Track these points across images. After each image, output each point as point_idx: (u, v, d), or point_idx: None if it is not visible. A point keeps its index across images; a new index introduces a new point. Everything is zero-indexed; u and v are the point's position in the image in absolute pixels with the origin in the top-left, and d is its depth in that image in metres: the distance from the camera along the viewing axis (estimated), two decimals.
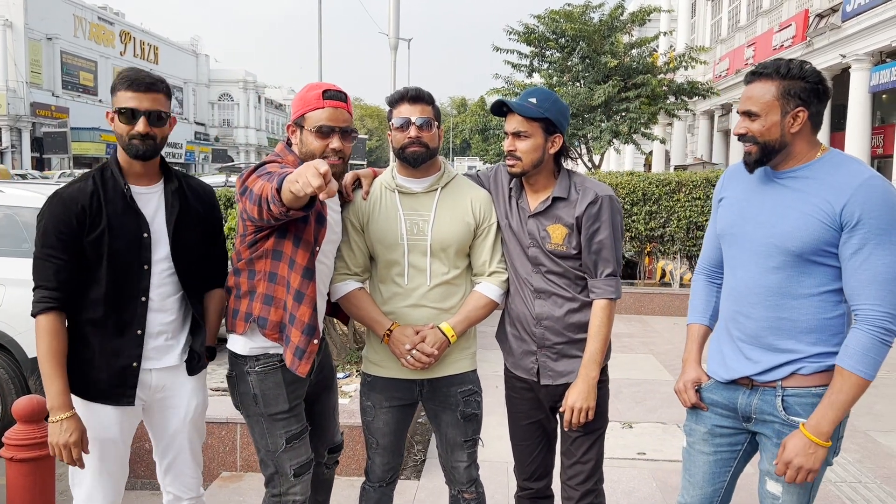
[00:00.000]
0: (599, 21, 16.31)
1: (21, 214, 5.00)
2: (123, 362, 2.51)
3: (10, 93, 35.11)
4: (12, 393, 4.70)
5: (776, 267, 2.18)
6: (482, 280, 2.74)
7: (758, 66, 2.19)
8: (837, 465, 4.50)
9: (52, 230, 2.41)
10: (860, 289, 2.07)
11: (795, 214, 2.14)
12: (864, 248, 2.04)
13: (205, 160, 48.54)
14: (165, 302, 2.58)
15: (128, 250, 2.48)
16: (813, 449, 2.11)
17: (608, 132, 15.85)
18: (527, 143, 2.58)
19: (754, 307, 2.24)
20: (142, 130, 2.44)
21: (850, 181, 2.07)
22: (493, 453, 4.13)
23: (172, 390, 2.65)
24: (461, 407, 2.74)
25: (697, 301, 2.55)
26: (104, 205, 2.45)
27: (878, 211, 2.03)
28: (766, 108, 2.16)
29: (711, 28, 28.66)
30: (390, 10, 19.79)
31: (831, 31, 17.08)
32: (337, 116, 2.52)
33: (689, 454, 2.48)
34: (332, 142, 2.52)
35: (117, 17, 46.54)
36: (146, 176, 2.58)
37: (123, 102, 2.44)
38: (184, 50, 55.87)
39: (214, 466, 4.25)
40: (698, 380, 2.44)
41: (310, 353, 2.52)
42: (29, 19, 36.24)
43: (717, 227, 2.41)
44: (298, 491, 2.63)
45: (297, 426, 2.62)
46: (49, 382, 2.40)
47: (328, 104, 2.51)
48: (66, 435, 2.39)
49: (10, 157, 35.40)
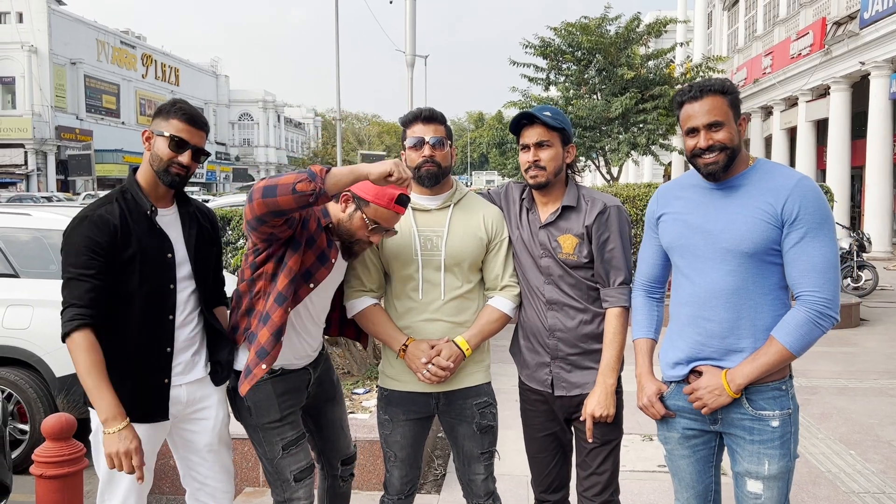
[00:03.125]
0: (616, 33, 16.31)
1: (48, 237, 5.11)
2: (155, 380, 2.58)
3: (35, 117, 35.84)
4: (41, 412, 4.79)
5: (732, 270, 2.33)
6: (495, 294, 2.79)
7: (695, 87, 2.32)
8: (861, 476, 4.47)
9: (85, 249, 2.43)
10: (801, 277, 2.25)
11: (741, 219, 2.31)
12: (803, 240, 2.24)
13: (226, 179, 49.10)
14: (188, 318, 2.67)
15: (156, 271, 2.56)
16: (720, 392, 2.33)
17: (626, 144, 15.81)
18: (549, 152, 2.66)
19: (715, 310, 2.36)
20: (185, 162, 2.55)
21: (785, 183, 2.28)
22: (512, 466, 4.15)
23: (202, 402, 2.72)
24: (477, 419, 2.78)
25: (640, 316, 2.64)
26: (133, 226, 2.52)
27: (812, 206, 2.24)
28: (727, 117, 2.32)
29: (728, 38, 28.60)
30: (406, 27, 19.98)
31: (849, 38, 16.98)
32: (390, 220, 2.55)
33: (672, 460, 2.58)
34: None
35: (139, 41, 47.42)
36: (164, 199, 2.66)
37: (177, 131, 2.53)
38: (204, 71, 56.73)
39: (238, 482, 4.30)
40: (659, 391, 2.53)
41: (253, 376, 2.54)
42: (53, 45, 37.04)
43: (664, 242, 2.52)
44: (302, 495, 2.71)
45: (291, 433, 2.71)
46: (97, 395, 2.38)
47: (395, 208, 2.52)
48: (127, 442, 2.37)
49: (35, 179, 36.04)
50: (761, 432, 2.34)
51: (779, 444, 2.34)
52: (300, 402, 2.78)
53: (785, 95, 21.66)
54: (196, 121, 2.58)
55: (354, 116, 72.75)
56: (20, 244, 5.17)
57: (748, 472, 2.36)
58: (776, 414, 2.33)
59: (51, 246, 5.08)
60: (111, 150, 38.14)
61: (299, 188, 2.26)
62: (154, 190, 2.62)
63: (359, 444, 4.18)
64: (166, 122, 2.54)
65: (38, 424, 4.67)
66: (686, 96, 2.35)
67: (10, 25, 36.14)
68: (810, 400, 6.09)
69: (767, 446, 2.34)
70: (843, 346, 8.27)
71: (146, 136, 2.57)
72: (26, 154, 35.84)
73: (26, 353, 4.84)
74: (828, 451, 4.92)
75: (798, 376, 6.80)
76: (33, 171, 36.06)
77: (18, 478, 3.93)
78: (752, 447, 2.35)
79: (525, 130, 2.70)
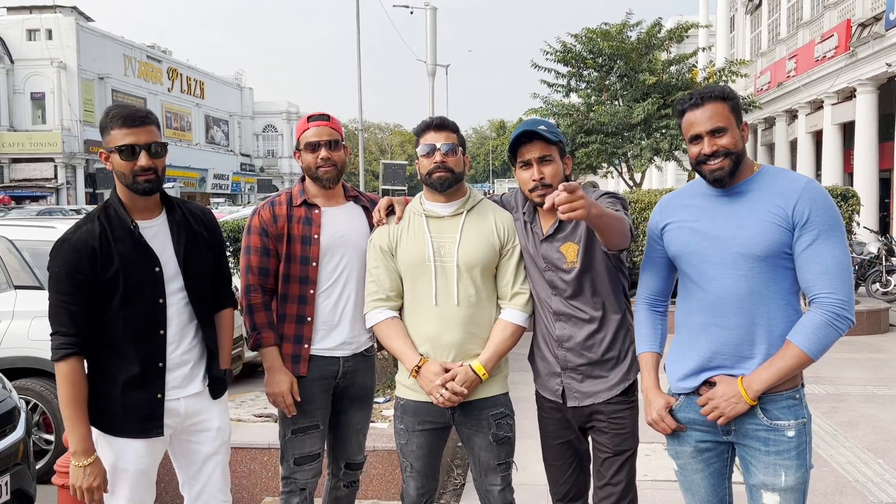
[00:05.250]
0: (637, 39, 16.26)
1: None
2: (148, 395, 2.57)
3: (65, 131, 36.47)
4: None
5: (745, 275, 2.30)
6: (506, 305, 2.78)
7: (695, 94, 2.33)
8: (889, 486, 4.37)
9: (66, 276, 2.45)
10: (815, 279, 2.23)
11: (751, 223, 2.29)
12: (815, 242, 2.22)
13: (250, 190, 49.61)
14: (183, 331, 2.65)
15: (142, 286, 2.52)
16: (738, 399, 2.28)
17: (649, 150, 15.71)
18: (552, 167, 2.64)
19: (727, 316, 2.32)
20: (144, 164, 2.46)
21: (794, 186, 2.28)
22: (532, 477, 4.10)
23: (201, 415, 2.72)
24: (493, 430, 2.76)
25: (645, 330, 2.60)
26: (114, 244, 2.48)
27: (822, 209, 2.23)
28: (730, 122, 2.31)
29: (751, 42, 28.34)
30: (427, 37, 20.09)
31: (875, 39, 16.73)
32: (321, 132, 2.91)
33: (684, 475, 2.52)
34: (320, 153, 2.89)
35: (165, 55, 48.11)
36: (148, 209, 2.61)
37: (121, 140, 2.44)
38: (228, 84, 57.40)
39: (257, 492, 4.32)
40: (668, 404, 2.47)
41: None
42: (82, 60, 37.71)
43: (671, 251, 2.48)
44: (299, 477, 2.96)
45: (303, 422, 2.93)
46: (72, 427, 2.48)
47: (312, 125, 2.93)
48: (91, 479, 2.49)
49: (65, 193, 36.67)
50: (777, 443, 2.30)
51: (795, 454, 2.29)
52: (316, 393, 2.92)
53: (810, 99, 21.38)
54: (133, 119, 2.46)
55: (377, 126, 73.15)
56: (45, 257, 5.24)
57: (764, 484, 2.31)
58: (791, 423, 2.30)
59: None
60: None
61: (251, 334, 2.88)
62: (134, 203, 2.57)
63: (377, 454, 4.19)
64: (109, 135, 2.48)
65: (62, 435, 4.73)
66: (687, 104, 2.34)
67: (40, 42, 36.88)
68: (838, 408, 5.98)
69: (784, 457, 2.29)
70: (872, 353, 8.13)
71: (104, 157, 2.52)
72: (56, 168, 36.48)
73: (51, 364, 4.89)
74: (855, 459, 4.82)
75: (825, 383, 6.70)
76: (63, 185, 36.70)
77: (42, 487, 3.98)
78: (768, 458, 2.30)
79: (523, 148, 2.66)
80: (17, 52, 36.94)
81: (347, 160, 3.02)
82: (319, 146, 2.89)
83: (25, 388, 4.88)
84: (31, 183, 36.34)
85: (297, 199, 2.95)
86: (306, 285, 2.90)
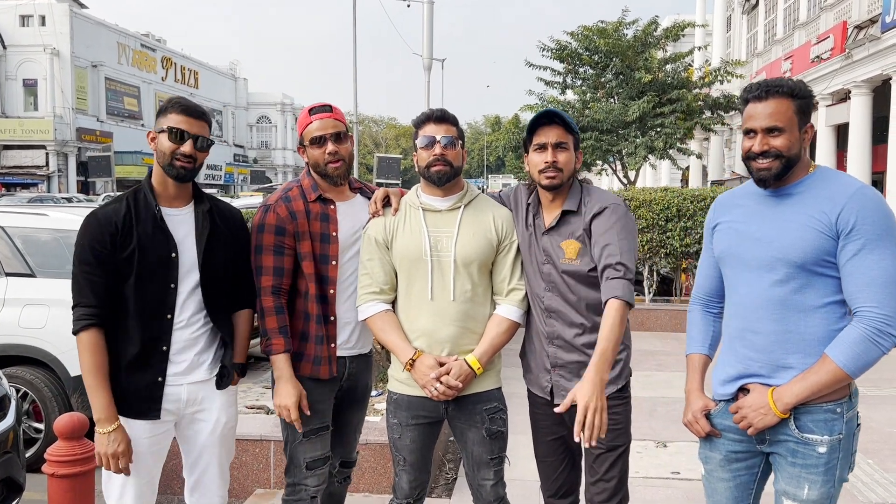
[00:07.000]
0: (633, 37, 16.27)
1: (65, 237, 5.15)
2: (149, 378, 2.61)
3: (57, 119, 36.21)
4: (55, 410, 4.82)
5: (780, 280, 2.21)
6: (501, 301, 2.77)
7: (762, 85, 2.20)
8: (878, 486, 4.40)
9: (89, 248, 2.53)
10: (858, 292, 2.10)
11: (794, 227, 2.19)
12: (861, 252, 2.09)
13: (244, 182, 49.37)
14: (192, 319, 2.68)
15: (156, 269, 2.59)
16: (766, 411, 2.19)
17: (643, 148, 15.74)
18: (566, 154, 2.64)
19: (761, 321, 2.24)
20: (187, 151, 2.57)
21: (843, 191, 2.15)
22: (524, 472, 4.11)
23: (203, 404, 2.73)
24: (486, 424, 2.75)
25: (695, 331, 2.54)
26: (135, 225, 2.57)
27: (871, 217, 2.09)
28: (790, 123, 2.18)
29: (747, 42, 28.38)
30: (423, 31, 20.04)
31: (870, 42, 16.78)
32: (325, 125, 2.81)
33: (709, 481, 2.46)
34: (327, 147, 2.79)
35: (159, 44, 47.78)
36: (178, 198, 2.68)
37: (174, 123, 2.58)
38: (223, 74, 57.08)
39: (249, 483, 4.31)
40: (706, 408, 2.42)
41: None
42: (75, 48, 37.41)
43: (716, 251, 2.42)
44: (311, 483, 2.86)
45: (314, 423, 2.83)
46: (94, 395, 2.53)
47: (315, 118, 2.82)
48: (115, 445, 2.53)
49: (56, 181, 36.44)
50: (805, 456, 2.20)
51: (823, 470, 2.18)
52: (323, 394, 2.87)
53: None
54: (193, 111, 2.61)
55: (371, 119, 73.02)
56: (37, 244, 5.23)
57: (786, 492, 2.24)
58: (824, 439, 2.17)
59: (67, 246, 5.11)
60: (130, 152, 38.39)
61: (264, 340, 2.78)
62: (165, 189, 2.65)
63: (369, 447, 4.19)
64: (165, 118, 2.60)
65: (53, 423, 4.70)
66: (751, 94, 2.22)
67: (33, 28, 36.54)
68: None
69: (810, 471, 2.19)
70: None
71: (151, 137, 2.62)
72: (48, 155, 36.20)
73: (42, 353, 4.89)
74: None
75: None
76: (54, 173, 36.43)
77: (32, 476, 3.96)
78: (793, 470, 2.21)
79: (542, 129, 2.64)
80: (9, 38, 36.61)
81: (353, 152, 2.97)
82: (325, 140, 2.80)
83: (15, 376, 4.85)
84: (22, 170, 36.06)
85: (311, 193, 2.86)
86: (326, 285, 2.84)
